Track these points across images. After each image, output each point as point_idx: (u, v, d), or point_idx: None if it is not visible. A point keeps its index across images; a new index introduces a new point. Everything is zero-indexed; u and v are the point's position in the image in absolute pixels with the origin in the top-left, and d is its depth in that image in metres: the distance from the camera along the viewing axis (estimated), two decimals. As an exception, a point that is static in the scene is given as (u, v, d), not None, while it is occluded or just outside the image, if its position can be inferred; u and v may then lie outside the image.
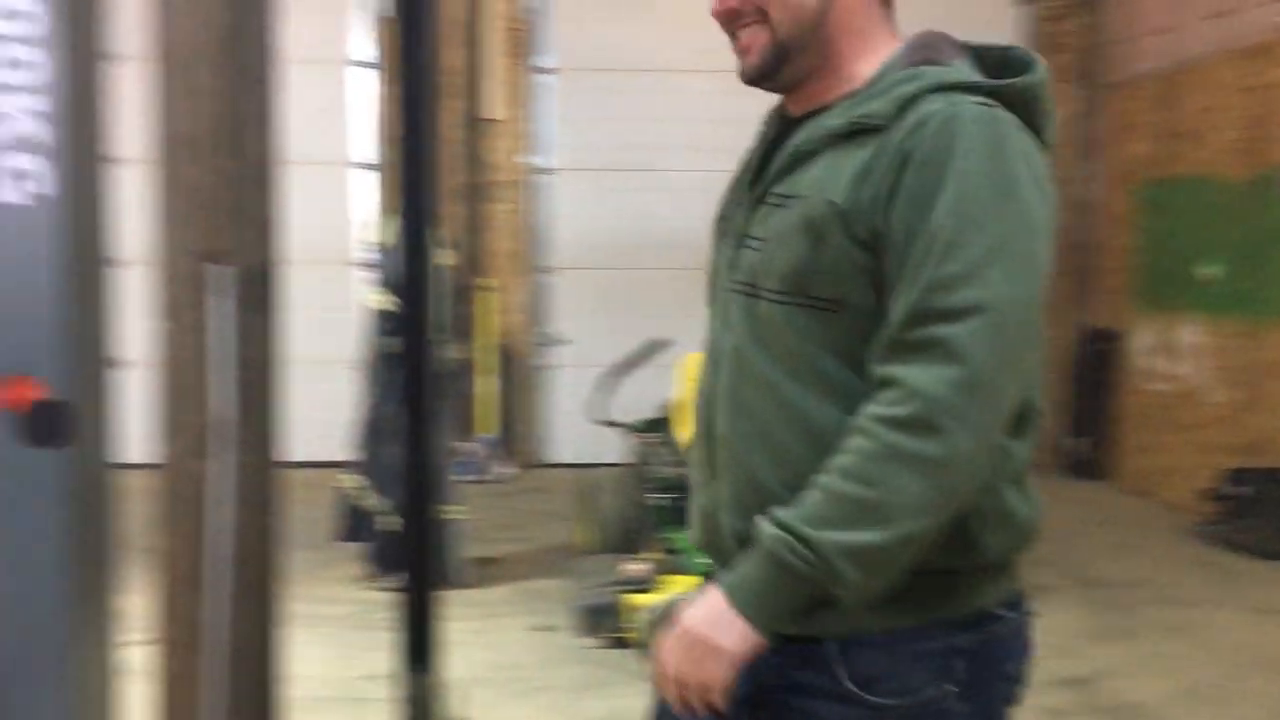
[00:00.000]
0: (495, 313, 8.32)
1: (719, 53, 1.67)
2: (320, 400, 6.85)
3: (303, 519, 6.06)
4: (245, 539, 2.18)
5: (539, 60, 8.40)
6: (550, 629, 4.71)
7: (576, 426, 7.28)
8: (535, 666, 4.34)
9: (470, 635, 4.52)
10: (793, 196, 1.44)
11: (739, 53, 1.52)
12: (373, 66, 8.28)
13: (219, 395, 2.12)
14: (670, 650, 1.39)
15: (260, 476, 2.17)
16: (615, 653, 4.37)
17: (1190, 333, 7.07)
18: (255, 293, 2.14)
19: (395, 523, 4.83)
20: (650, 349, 5.63)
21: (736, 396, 1.49)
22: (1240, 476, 6.22)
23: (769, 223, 1.46)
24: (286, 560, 2.53)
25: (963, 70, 1.46)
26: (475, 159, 8.35)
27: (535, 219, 8.46)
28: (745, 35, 1.50)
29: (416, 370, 2.55)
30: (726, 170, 1.72)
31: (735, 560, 1.42)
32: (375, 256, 5.82)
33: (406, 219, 2.48)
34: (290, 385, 2.43)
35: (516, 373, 8.45)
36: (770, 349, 1.45)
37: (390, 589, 4.78)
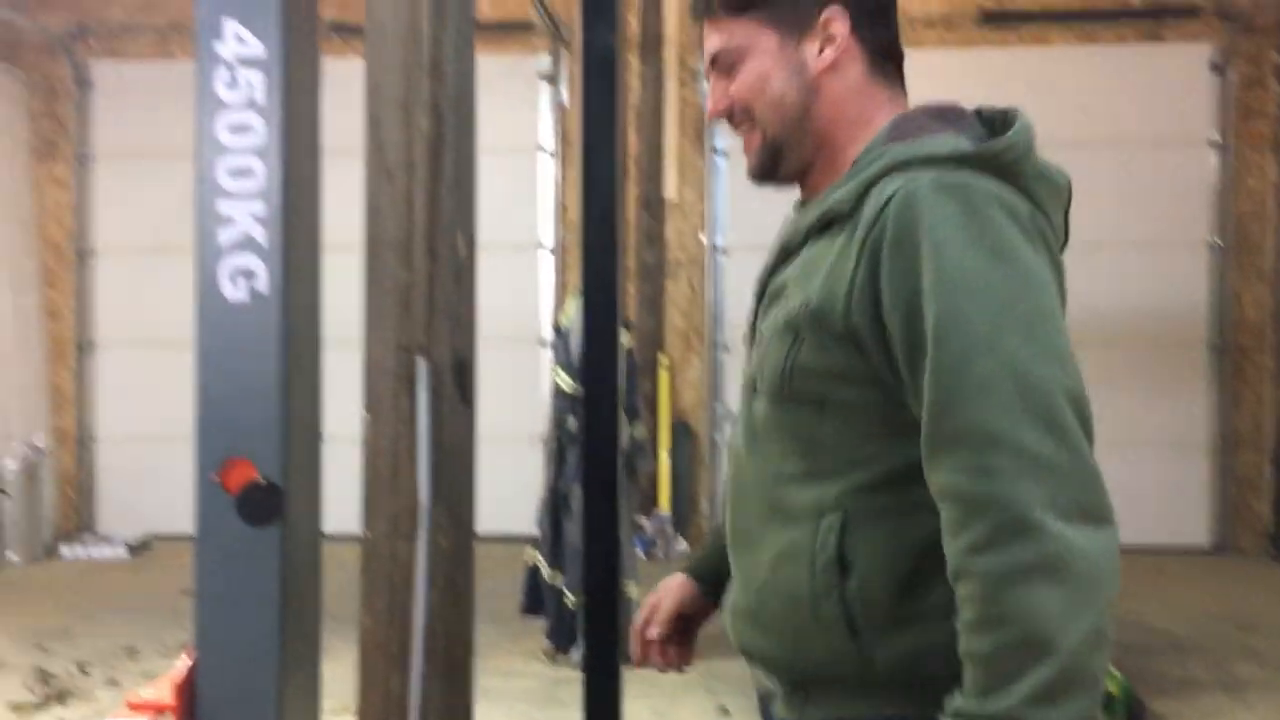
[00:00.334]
0: (671, 390, 8.43)
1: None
2: (509, 475, 7.07)
3: (489, 591, 6.24)
4: (439, 617, 2.28)
5: (713, 142, 8.56)
6: (732, 712, 4.69)
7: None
8: (714, 747, 4.32)
9: (653, 715, 4.53)
10: (780, 293, 1.41)
11: (745, 153, 1.49)
12: (555, 153, 8.59)
13: (416, 481, 2.23)
14: None
15: (455, 557, 2.27)
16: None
17: None
18: (452, 384, 2.26)
19: (577, 599, 4.92)
20: None
21: (735, 495, 1.48)
22: None
23: (767, 319, 1.43)
24: (475, 634, 2.62)
25: (933, 142, 1.34)
26: (653, 238, 8.53)
27: (710, 297, 8.57)
28: (743, 136, 1.48)
29: (597, 448, 2.62)
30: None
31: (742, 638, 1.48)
32: (557, 336, 5.99)
33: (589, 301, 2.57)
34: (481, 460, 2.54)
35: (691, 449, 8.51)
36: (761, 448, 1.41)
37: (574, 664, 4.85)
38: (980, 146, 1.33)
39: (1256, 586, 7.17)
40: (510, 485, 6.84)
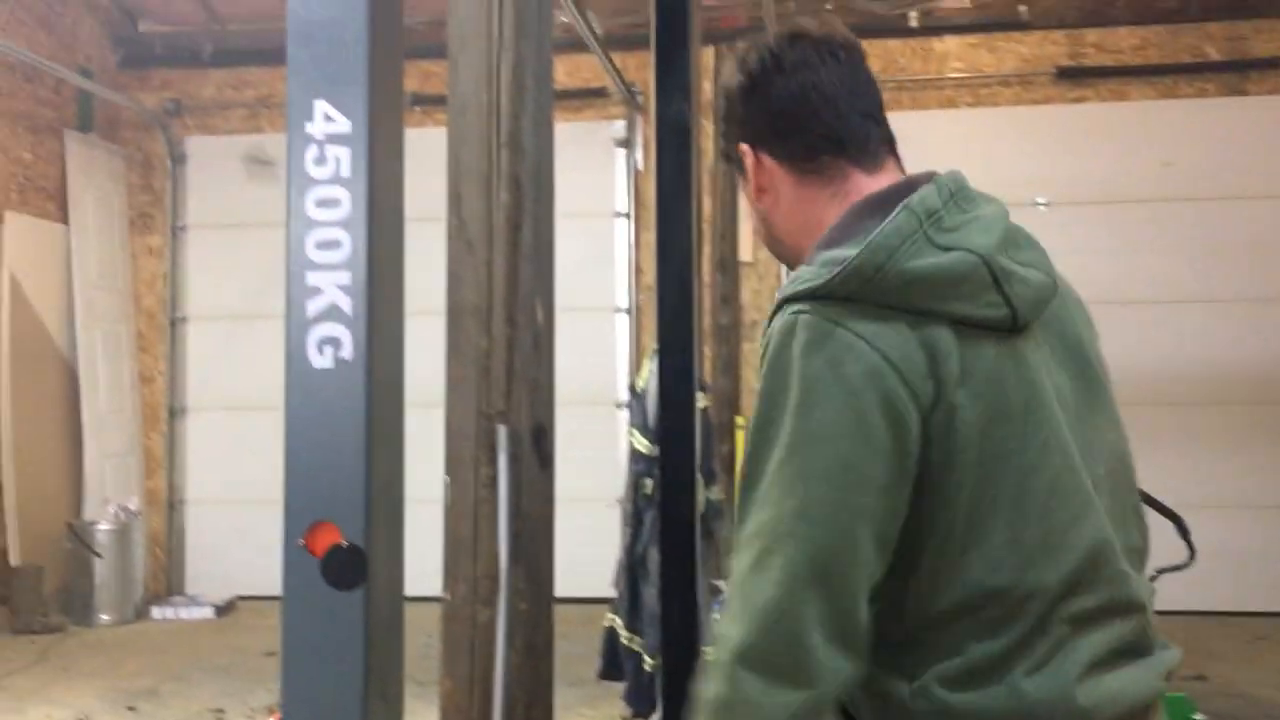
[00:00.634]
0: (750, 450, 8.39)
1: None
2: (587, 537, 7.08)
3: (567, 654, 6.21)
4: (519, 681, 2.29)
5: (790, 203, 8.60)
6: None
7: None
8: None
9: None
10: None
11: None
12: (630, 216, 8.70)
13: (496, 545, 2.26)
14: None
15: (534, 621, 2.29)
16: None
17: None
18: (531, 449, 2.29)
19: (656, 662, 4.89)
20: None
21: None
22: None
23: None
24: (554, 697, 2.62)
25: (803, 276, 1.38)
26: (728, 300, 8.56)
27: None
28: None
29: (674, 511, 2.63)
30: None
31: None
32: (633, 398, 6.02)
33: (665, 363, 2.60)
34: (558, 522, 2.56)
35: (772, 510, 8.44)
36: None
37: (650, 729, 4.81)
38: (823, 283, 1.34)
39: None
40: (588, 547, 6.85)
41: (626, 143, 8.78)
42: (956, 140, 7.94)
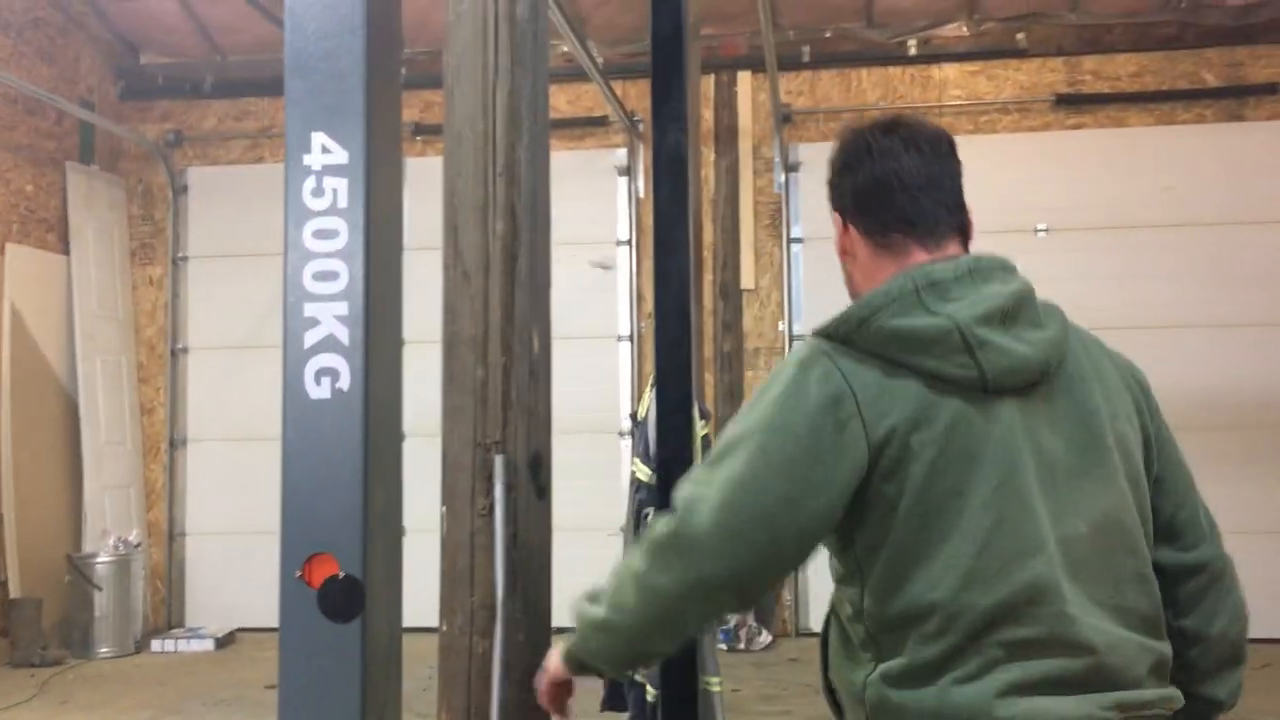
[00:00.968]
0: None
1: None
2: (590, 566, 7.04)
3: (567, 685, 6.18)
4: (517, 713, 2.27)
5: (790, 231, 8.61)
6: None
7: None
8: None
9: (732, 812, 4.43)
10: None
11: None
12: (632, 244, 8.71)
13: (493, 576, 2.25)
14: None
15: (532, 652, 2.27)
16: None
17: None
18: (528, 478, 2.28)
19: (658, 693, 4.85)
20: None
21: None
22: None
23: None
24: (553, 731, 2.60)
25: (840, 314, 1.63)
26: (731, 327, 8.56)
27: (790, 384, 8.54)
28: None
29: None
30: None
31: None
32: (635, 426, 6.00)
33: (663, 390, 2.59)
34: (560, 551, 2.54)
35: (774, 538, 8.41)
36: None
37: (652, 761, 4.76)
38: (829, 325, 1.63)
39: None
40: (591, 578, 6.80)
41: (628, 171, 8.81)
42: (956, 167, 7.97)
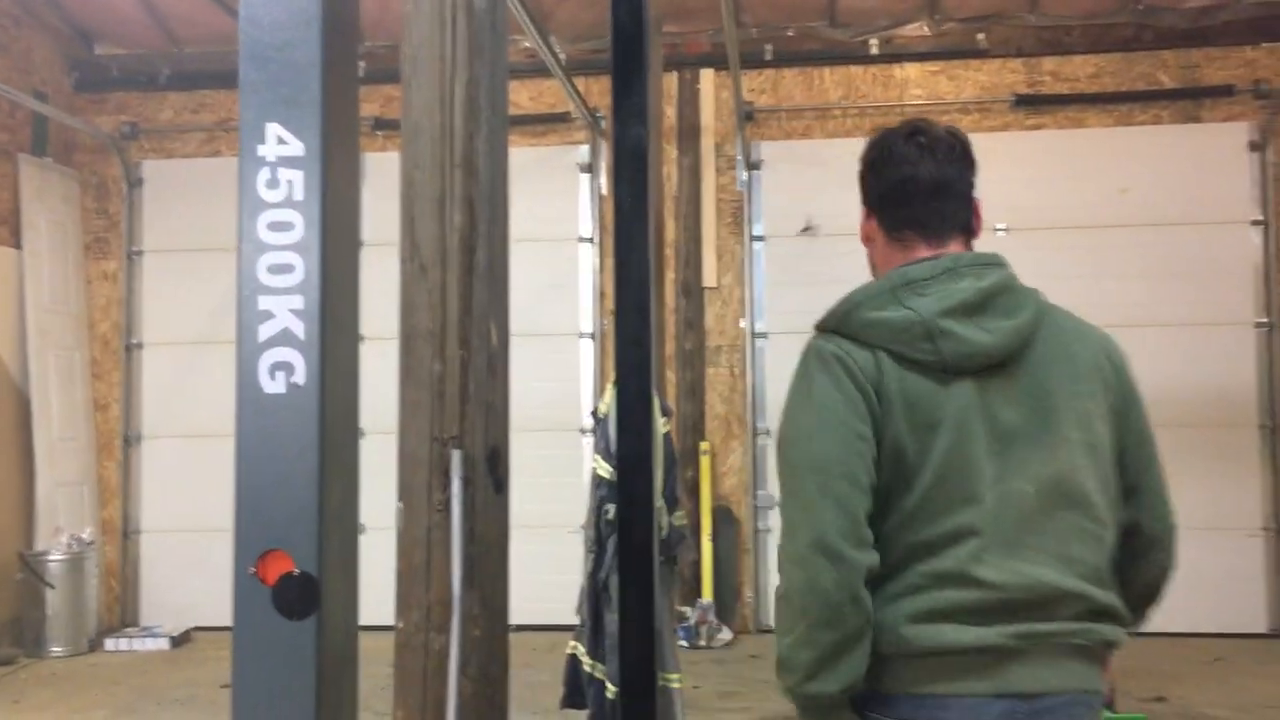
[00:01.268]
0: (713, 476, 8.38)
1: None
2: (553, 564, 7.03)
3: (531, 683, 6.16)
4: (473, 708, 2.25)
5: (752, 229, 8.63)
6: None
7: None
8: (758, 845, 4.20)
9: (691, 809, 4.43)
10: None
11: None
12: (595, 241, 8.69)
13: (450, 571, 2.23)
14: None
15: (489, 647, 2.26)
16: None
17: None
18: (485, 473, 2.26)
19: (616, 690, 4.84)
20: None
21: None
22: None
23: None
24: (512, 729, 2.58)
25: (829, 310, 1.96)
26: (693, 325, 8.56)
27: (750, 382, 8.56)
28: None
29: (633, 536, 2.59)
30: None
31: None
32: (596, 424, 5.99)
33: (623, 387, 2.57)
34: (522, 548, 2.52)
35: (734, 535, 8.42)
36: None
37: (611, 758, 4.75)
38: (824, 319, 1.96)
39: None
40: (553, 574, 6.80)
41: (590, 167, 8.79)
42: (916, 166, 8.01)
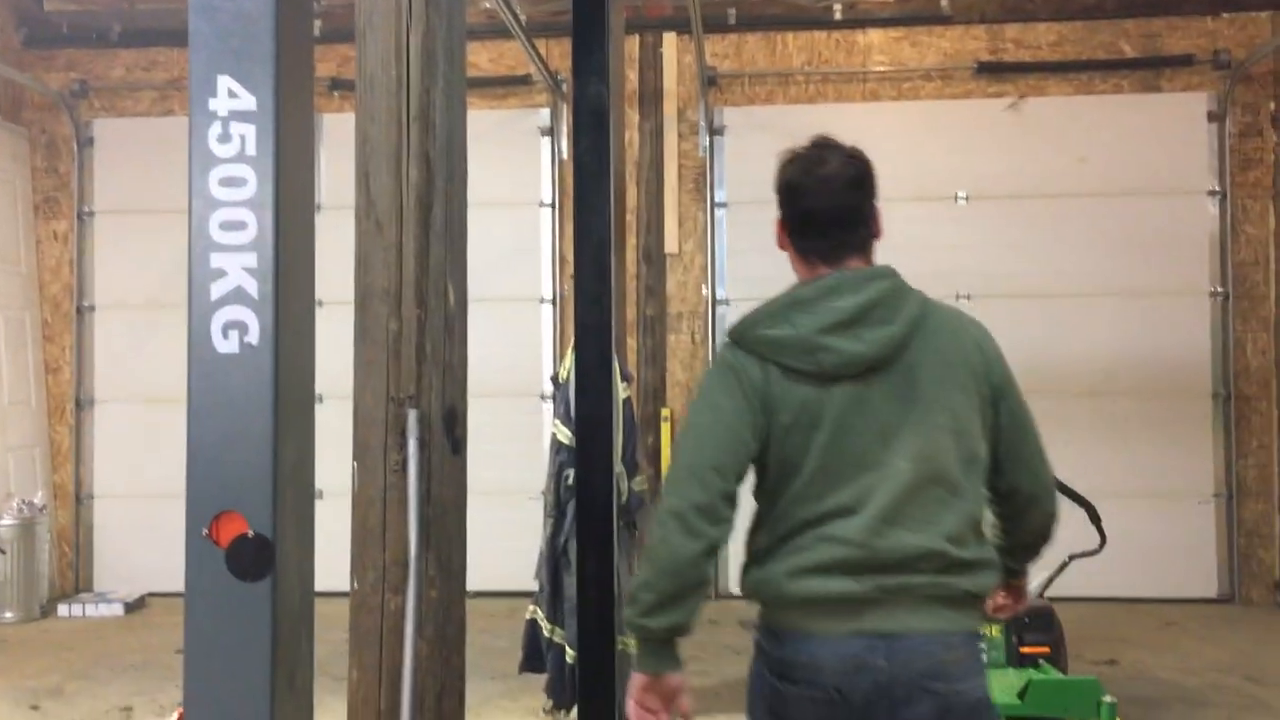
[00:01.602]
0: (673, 442, 8.39)
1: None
2: (513, 529, 7.01)
3: (490, 648, 6.16)
4: (429, 670, 2.24)
5: (714, 195, 8.60)
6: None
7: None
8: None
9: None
10: None
11: None
12: (555, 206, 8.63)
13: (406, 532, 2.20)
14: None
15: (445, 609, 2.24)
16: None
17: None
18: (442, 433, 2.23)
19: (575, 654, 4.85)
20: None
21: None
22: None
23: None
24: (470, 690, 2.57)
25: (736, 322, 2.29)
26: (654, 291, 8.54)
27: (711, 349, 8.56)
28: None
29: (591, 501, 2.59)
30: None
31: None
32: (556, 389, 5.97)
33: (582, 352, 2.55)
34: (481, 514, 2.50)
35: (695, 501, 8.44)
36: None
37: (570, 721, 4.77)
38: (729, 330, 2.29)
39: (1266, 637, 7.08)
40: (512, 540, 6.78)
41: (551, 131, 8.71)
42: (879, 133, 7.99)
